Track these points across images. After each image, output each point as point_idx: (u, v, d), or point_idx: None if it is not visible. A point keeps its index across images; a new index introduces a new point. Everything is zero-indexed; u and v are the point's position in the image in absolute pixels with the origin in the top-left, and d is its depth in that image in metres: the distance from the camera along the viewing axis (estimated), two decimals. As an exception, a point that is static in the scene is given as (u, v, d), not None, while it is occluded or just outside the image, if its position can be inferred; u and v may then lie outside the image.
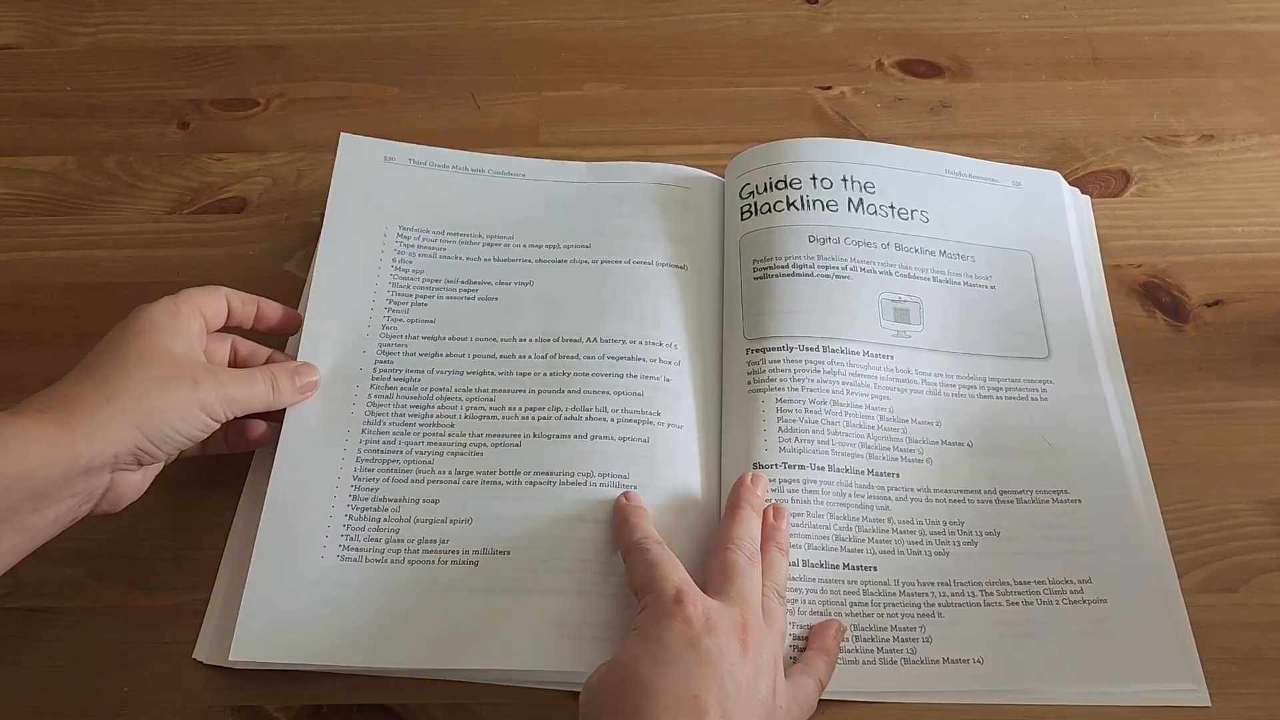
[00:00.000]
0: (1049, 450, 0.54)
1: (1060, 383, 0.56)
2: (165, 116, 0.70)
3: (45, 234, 0.64)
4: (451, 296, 0.58)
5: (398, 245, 0.60)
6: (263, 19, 0.75)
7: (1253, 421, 0.56)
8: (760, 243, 0.59)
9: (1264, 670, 0.49)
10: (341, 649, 0.47)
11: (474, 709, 0.48)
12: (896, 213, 0.61)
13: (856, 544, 0.51)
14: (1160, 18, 0.75)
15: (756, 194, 0.61)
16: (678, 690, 0.40)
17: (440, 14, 0.76)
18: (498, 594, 0.48)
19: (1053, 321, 0.58)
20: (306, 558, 0.49)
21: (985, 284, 0.59)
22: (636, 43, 0.74)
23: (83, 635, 0.50)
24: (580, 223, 0.61)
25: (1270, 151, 0.67)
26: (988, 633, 0.49)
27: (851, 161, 0.62)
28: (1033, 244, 0.61)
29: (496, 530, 0.50)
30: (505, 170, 0.64)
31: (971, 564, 0.51)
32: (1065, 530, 0.52)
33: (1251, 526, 0.53)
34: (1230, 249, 0.63)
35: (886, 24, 0.75)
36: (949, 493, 0.53)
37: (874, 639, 0.48)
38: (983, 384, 0.56)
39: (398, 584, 0.49)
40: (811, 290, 0.57)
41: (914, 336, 0.57)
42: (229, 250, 0.63)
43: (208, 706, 0.48)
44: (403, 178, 0.62)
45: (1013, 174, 0.64)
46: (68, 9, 0.76)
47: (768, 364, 0.55)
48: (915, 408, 0.55)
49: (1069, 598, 0.50)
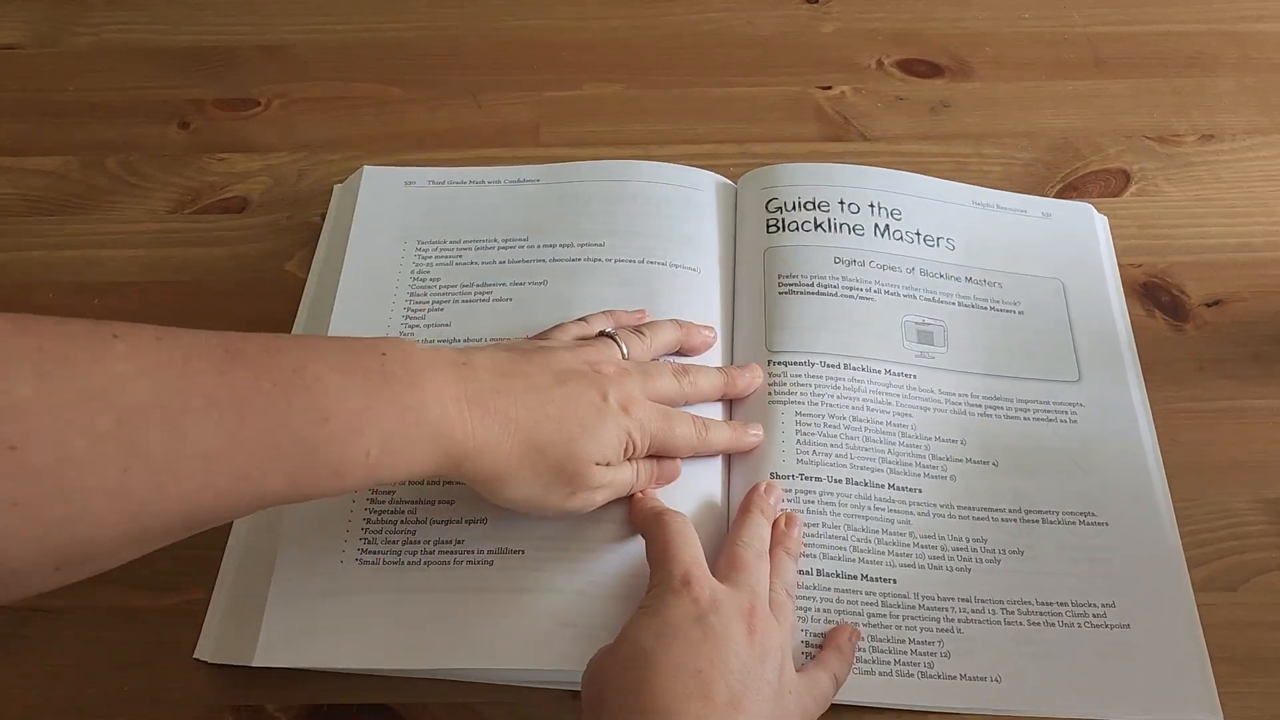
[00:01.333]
0: (1077, 472, 0.53)
1: (1090, 406, 0.56)
2: (167, 116, 0.70)
3: (47, 234, 0.64)
4: (467, 300, 0.58)
5: (416, 258, 0.60)
6: (264, 19, 0.76)
7: (1253, 421, 0.56)
8: (786, 258, 0.60)
9: (1264, 670, 0.49)
10: (363, 650, 0.47)
11: (475, 709, 0.48)
12: (922, 239, 0.61)
13: (875, 556, 0.50)
14: (1160, 18, 0.75)
15: (785, 210, 0.61)
16: (681, 663, 0.40)
17: (441, 14, 0.76)
18: (513, 593, 0.48)
19: (1084, 346, 0.58)
20: (328, 562, 0.49)
21: (1013, 309, 0.59)
22: (636, 43, 0.74)
23: (83, 635, 0.50)
24: (594, 221, 0.61)
25: (1271, 151, 0.67)
26: (1007, 652, 0.48)
27: (879, 189, 0.63)
28: (1064, 272, 0.61)
29: (511, 530, 0.50)
30: (520, 178, 0.64)
31: (993, 582, 0.50)
32: (1091, 553, 0.51)
33: (1251, 526, 0.53)
34: (1230, 248, 0.63)
35: (886, 24, 0.75)
36: (972, 509, 0.52)
37: (891, 650, 0.48)
38: (1009, 405, 0.56)
39: (415, 585, 0.49)
40: (835, 309, 0.57)
41: (937, 358, 0.57)
42: (230, 250, 0.63)
43: (208, 706, 0.48)
44: (422, 198, 0.63)
45: (1042, 205, 0.64)
46: (70, 9, 0.76)
47: (789, 377, 0.55)
48: (939, 426, 0.54)
49: (1091, 621, 0.49)
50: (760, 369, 0.55)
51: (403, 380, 0.41)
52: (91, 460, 0.32)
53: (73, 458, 0.32)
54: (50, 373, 0.32)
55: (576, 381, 0.46)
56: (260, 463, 0.37)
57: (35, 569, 0.33)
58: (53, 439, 0.32)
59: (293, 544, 0.50)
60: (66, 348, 0.33)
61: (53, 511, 0.32)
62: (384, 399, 0.40)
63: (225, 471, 0.36)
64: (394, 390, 0.40)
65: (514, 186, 0.63)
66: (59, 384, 0.32)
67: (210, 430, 0.35)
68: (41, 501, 0.32)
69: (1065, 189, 0.66)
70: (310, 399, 0.38)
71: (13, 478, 0.31)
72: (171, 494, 0.35)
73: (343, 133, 0.69)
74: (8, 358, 0.32)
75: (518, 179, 0.64)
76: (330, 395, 0.38)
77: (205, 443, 0.35)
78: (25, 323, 0.33)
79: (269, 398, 0.37)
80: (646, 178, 0.63)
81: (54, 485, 0.32)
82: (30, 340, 0.33)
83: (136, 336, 0.35)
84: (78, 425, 0.32)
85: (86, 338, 0.34)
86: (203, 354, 0.36)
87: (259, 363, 0.37)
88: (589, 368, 0.48)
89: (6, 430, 0.31)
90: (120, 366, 0.34)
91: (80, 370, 0.33)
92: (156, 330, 0.36)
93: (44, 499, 0.32)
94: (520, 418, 0.44)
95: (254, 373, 0.37)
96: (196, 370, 0.35)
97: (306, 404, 0.38)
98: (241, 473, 0.36)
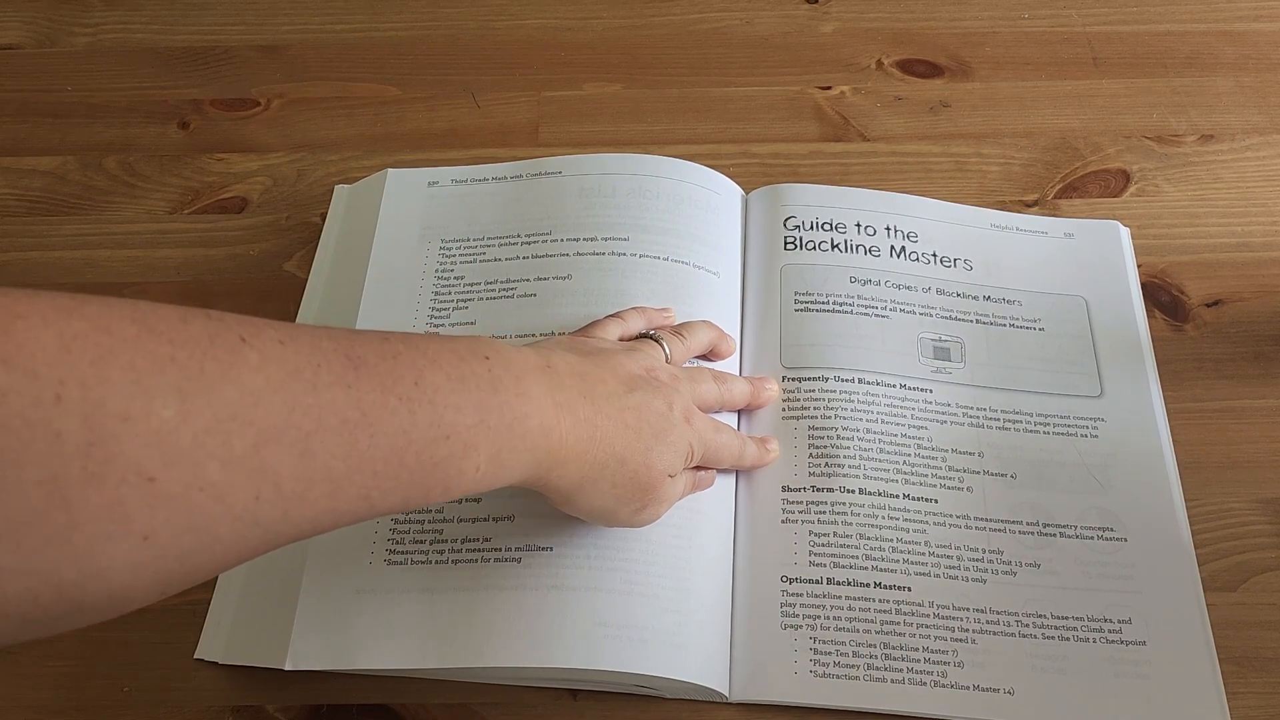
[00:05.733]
0: (1097, 487, 0.53)
1: (1112, 421, 0.55)
2: (165, 116, 0.70)
3: (46, 234, 0.64)
4: (491, 297, 0.58)
5: (440, 257, 0.60)
6: (263, 19, 0.76)
7: (1252, 421, 0.56)
8: (803, 276, 0.60)
9: (1263, 670, 0.49)
10: (395, 651, 0.47)
11: (474, 709, 0.48)
12: (939, 260, 0.61)
13: (889, 564, 0.50)
14: (1160, 17, 0.75)
15: (802, 229, 0.61)
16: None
17: (440, 14, 0.76)
18: (541, 590, 0.48)
19: (1107, 361, 0.57)
20: (356, 564, 0.49)
21: (1033, 326, 0.59)
22: (636, 43, 0.74)
23: (83, 635, 0.49)
24: (618, 214, 0.60)
25: (1270, 151, 0.67)
26: (1021, 664, 0.48)
27: (895, 213, 0.63)
28: (1087, 289, 0.60)
29: (538, 526, 0.50)
30: (543, 171, 0.63)
31: (1009, 594, 0.50)
32: (1109, 568, 0.51)
33: (1251, 526, 0.53)
34: (1230, 249, 0.63)
35: (886, 24, 0.75)
36: (989, 521, 0.52)
37: (905, 658, 0.48)
38: (1029, 419, 0.55)
39: (443, 583, 0.49)
40: (850, 327, 0.57)
41: (954, 373, 0.57)
42: (229, 250, 0.63)
43: (208, 706, 0.48)
44: (446, 198, 0.63)
45: (1064, 226, 0.63)
46: (68, 9, 0.76)
47: (803, 392, 0.55)
48: (956, 439, 0.54)
49: (1107, 636, 0.49)
50: (777, 382, 0.55)
51: (509, 388, 0.39)
52: (225, 488, 0.30)
53: (208, 485, 0.29)
54: (189, 390, 0.29)
55: (643, 389, 0.46)
56: (382, 483, 0.35)
57: (142, 598, 0.30)
58: (190, 467, 0.29)
59: (321, 546, 0.50)
60: (200, 357, 0.30)
61: (182, 543, 0.29)
62: (495, 412, 0.38)
63: (348, 494, 0.34)
64: (503, 400, 0.39)
65: (536, 180, 0.63)
66: (199, 403, 0.29)
67: (340, 452, 0.33)
68: (174, 533, 0.29)
69: (1065, 189, 0.66)
70: (434, 414, 0.36)
71: (150, 511, 0.28)
72: (295, 519, 0.32)
73: (342, 133, 0.69)
74: (148, 371, 0.28)
75: (539, 171, 0.63)
76: (450, 409, 0.37)
77: (333, 465, 0.33)
78: (151, 321, 0.30)
79: (395, 415, 0.35)
80: (670, 173, 0.62)
81: (187, 515, 0.29)
82: (165, 348, 0.29)
83: (262, 341, 0.32)
84: (214, 451, 0.29)
85: (213, 343, 0.30)
86: (329, 364, 0.33)
87: (382, 372, 0.35)
88: (646, 373, 0.47)
89: (146, 459, 0.28)
90: (254, 380, 0.31)
91: (216, 388, 0.30)
92: (277, 331, 0.33)
93: (177, 531, 0.29)
94: (604, 426, 0.43)
95: (380, 386, 0.34)
96: (326, 384, 0.33)
97: (431, 420, 0.36)
98: (362, 494, 0.34)
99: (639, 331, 0.52)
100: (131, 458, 0.27)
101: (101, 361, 0.28)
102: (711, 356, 0.56)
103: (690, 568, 0.49)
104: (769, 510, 0.52)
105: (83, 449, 0.27)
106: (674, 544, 0.50)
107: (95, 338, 0.28)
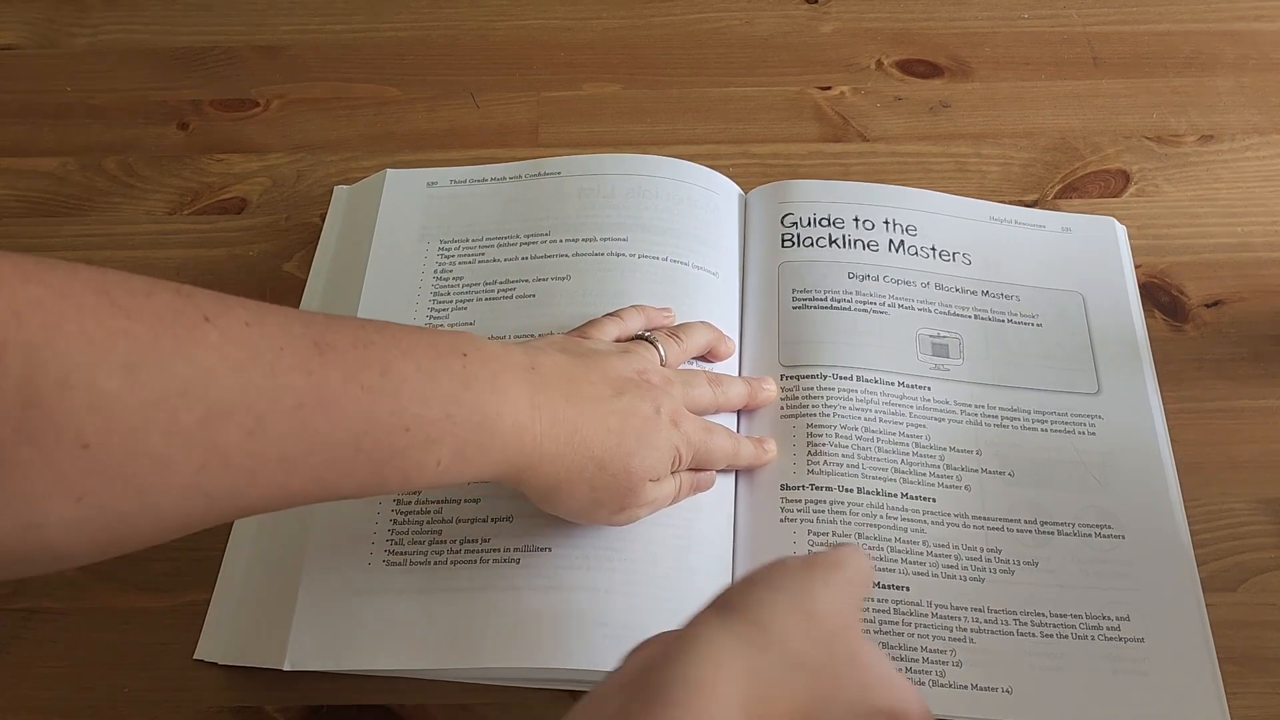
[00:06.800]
0: (1095, 485, 0.53)
1: (1110, 419, 0.55)
2: (165, 117, 0.70)
3: (46, 235, 0.64)
4: (490, 297, 0.58)
5: (439, 257, 0.60)
6: (262, 19, 0.76)
7: (1252, 421, 0.56)
8: (801, 273, 0.59)
9: (1263, 670, 0.49)
10: (395, 652, 0.47)
11: (474, 709, 0.48)
12: (938, 254, 0.61)
13: (888, 563, 0.50)
14: (1160, 17, 0.75)
15: (800, 226, 0.61)
16: None
17: (439, 14, 0.76)
18: (540, 591, 0.48)
19: (1104, 359, 0.57)
20: (355, 565, 0.49)
21: (1031, 321, 0.59)
22: (636, 43, 0.74)
23: (83, 635, 0.50)
24: (617, 215, 0.60)
25: (1270, 151, 0.67)
26: (1019, 663, 0.48)
27: (894, 206, 0.62)
28: (1084, 285, 0.60)
29: (537, 527, 0.50)
30: (542, 171, 0.63)
31: (1007, 592, 0.50)
32: (1107, 566, 0.51)
33: (1250, 526, 0.53)
34: (1229, 249, 0.63)
35: (886, 24, 0.75)
36: (987, 520, 0.52)
37: (903, 658, 0.48)
38: (1027, 416, 0.55)
39: (442, 584, 0.49)
40: (848, 323, 0.57)
41: (952, 370, 0.57)
42: (229, 251, 0.63)
43: (208, 707, 0.48)
44: (445, 199, 0.63)
45: (1062, 220, 0.63)
46: (68, 10, 0.76)
47: (800, 391, 0.55)
48: (954, 436, 0.54)
49: (1105, 634, 0.49)
50: (775, 382, 0.55)
51: (483, 385, 0.40)
52: (167, 458, 0.31)
53: (148, 454, 0.30)
54: (138, 364, 0.30)
55: (632, 392, 0.46)
56: (337, 467, 0.36)
57: (85, 554, 0.32)
58: (130, 436, 0.30)
59: (320, 547, 0.50)
60: (157, 332, 0.31)
61: (119, 506, 0.31)
62: (465, 407, 0.39)
63: (302, 475, 0.35)
64: (474, 396, 0.39)
65: (535, 180, 0.63)
66: (145, 378, 0.30)
67: (294, 434, 0.34)
68: (109, 497, 0.30)
69: (1065, 189, 0.66)
70: (396, 404, 0.37)
71: (83, 475, 0.29)
72: (245, 494, 0.34)
73: (341, 133, 0.69)
74: (97, 343, 0.29)
75: (538, 172, 0.63)
76: (415, 401, 0.37)
77: (286, 446, 0.34)
78: (115, 293, 0.31)
79: (356, 403, 0.36)
80: (669, 174, 0.62)
81: (124, 482, 0.30)
82: (121, 321, 0.30)
83: (227, 320, 0.33)
84: (158, 423, 0.30)
85: (175, 319, 0.32)
86: (294, 348, 0.34)
87: (349, 360, 0.36)
88: (638, 376, 0.47)
89: (82, 426, 0.29)
90: (210, 359, 0.32)
91: (168, 363, 0.31)
92: (247, 312, 0.34)
93: (113, 495, 0.30)
94: (584, 429, 0.43)
95: (344, 374, 0.35)
96: (286, 368, 0.34)
97: (391, 410, 0.37)
98: (317, 476, 0.35)
99: (637, 331, 0.52)
100: (66, 423, 0.29)
101: (51, 327, 0.29)
102: (710, 358, 0.56)
103: (690, 567, 0.49)
104: (768, 509, 0.52)
105: (17, 410, 0.28)
106: (673, 544, 0.50)
107: (51, 303, 0.29)
